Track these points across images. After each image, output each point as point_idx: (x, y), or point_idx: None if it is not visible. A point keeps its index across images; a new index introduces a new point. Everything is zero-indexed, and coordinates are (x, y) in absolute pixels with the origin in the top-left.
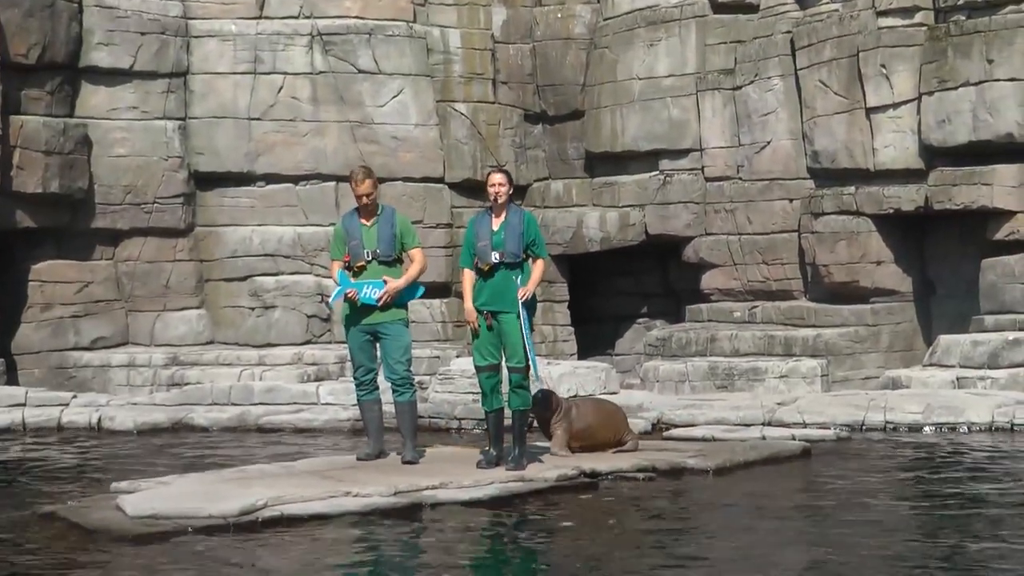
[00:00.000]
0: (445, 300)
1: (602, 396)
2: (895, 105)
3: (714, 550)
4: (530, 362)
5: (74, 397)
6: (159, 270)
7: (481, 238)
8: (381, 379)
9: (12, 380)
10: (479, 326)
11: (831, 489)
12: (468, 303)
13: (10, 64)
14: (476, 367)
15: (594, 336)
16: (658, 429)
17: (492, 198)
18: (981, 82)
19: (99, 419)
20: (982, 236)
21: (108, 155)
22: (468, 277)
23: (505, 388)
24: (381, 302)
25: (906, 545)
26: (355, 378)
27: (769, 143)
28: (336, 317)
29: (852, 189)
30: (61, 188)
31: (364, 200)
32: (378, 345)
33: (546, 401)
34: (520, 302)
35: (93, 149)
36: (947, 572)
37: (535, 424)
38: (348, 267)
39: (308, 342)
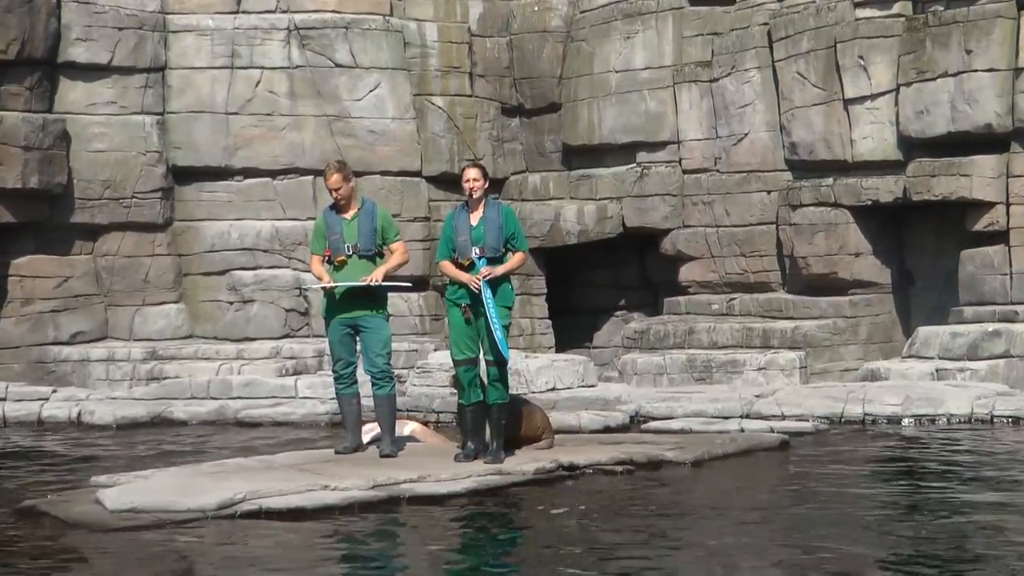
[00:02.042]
0: (423, 294)
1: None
2: (873, 96)
3: (688, 543)
4: (499, 344)
5: (54, 392)
6: (138, 265)
7: (460, 233)
8: (360, 373)
9: None
10: (480, 283)
11: (809, 482)
12: (460, 274)
13: None
14: (454, 360)
15: (572, 329)
16: (636, 422)
17: (468, 193)
18: (959, 73)
19: (79, 413)
20: (961, 227)
21: (87, 150)
22: (449, 263)
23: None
24: (370, 281)
25: (880, 538)
26: (334, 372)
27: (747, 135)
28: (315, 311)
29: (830, 181)
30: (40, 183)
31: (333, 194)
32: (358, 339)
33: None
34: (484, 280)
35: (72, 144)
36: (921, 568)
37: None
38: (328, 261)
39: (286, 336)
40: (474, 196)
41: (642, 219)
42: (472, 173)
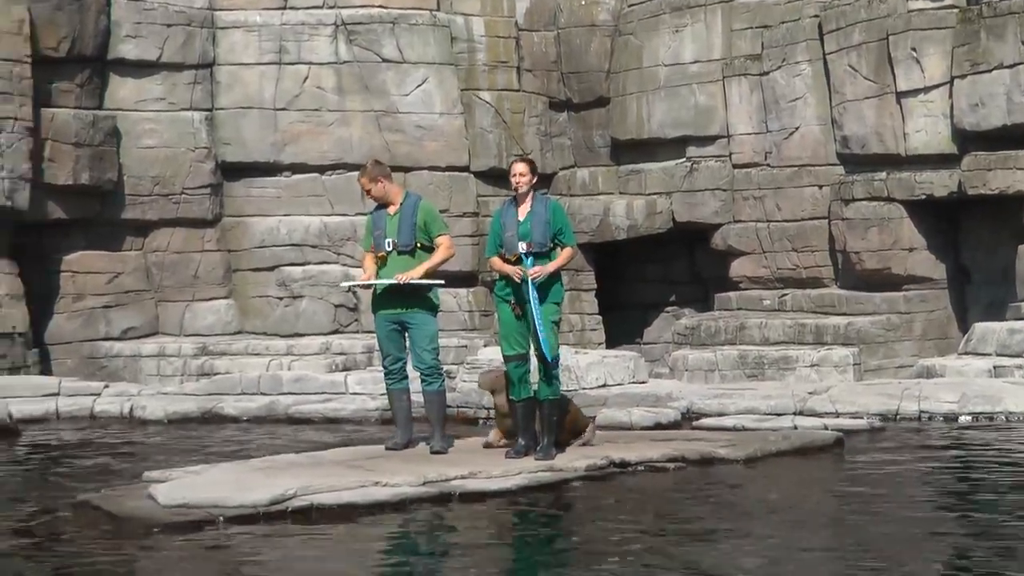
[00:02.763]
0: (472, 289)
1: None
2: (926, 89)
3: (741, 542)
4: (541, 343)
5: (106, 387)
6: (187, 260)
7: (507, 228)
8: (410, 368)
9: (45, 370)
10: (522, 272)
11: (863, 480)
12: (507, 268)
13: (40, 57)
14: (504, 356)
15: (622, 325)
16: (688, 419)
17: (514, 188)
18: (1015, 64)
19: (131, 408)
20: (1017, 221)
21: (137, 146)
22: (497, 259)
23: (535, 378)
24: (399, 281)
25: (935, 541)
26: (383, 367)
27: (797, 129)
28: (363, 307)
29: (883, 175)
30: (91, 180)
31: (365, 195)
32: (406, 335)
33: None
34: (531, 282)
35: (122, 140)
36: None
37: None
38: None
39: (336, 332)
40: (520, 191)
41: (692, 214)
42: (519, 168)
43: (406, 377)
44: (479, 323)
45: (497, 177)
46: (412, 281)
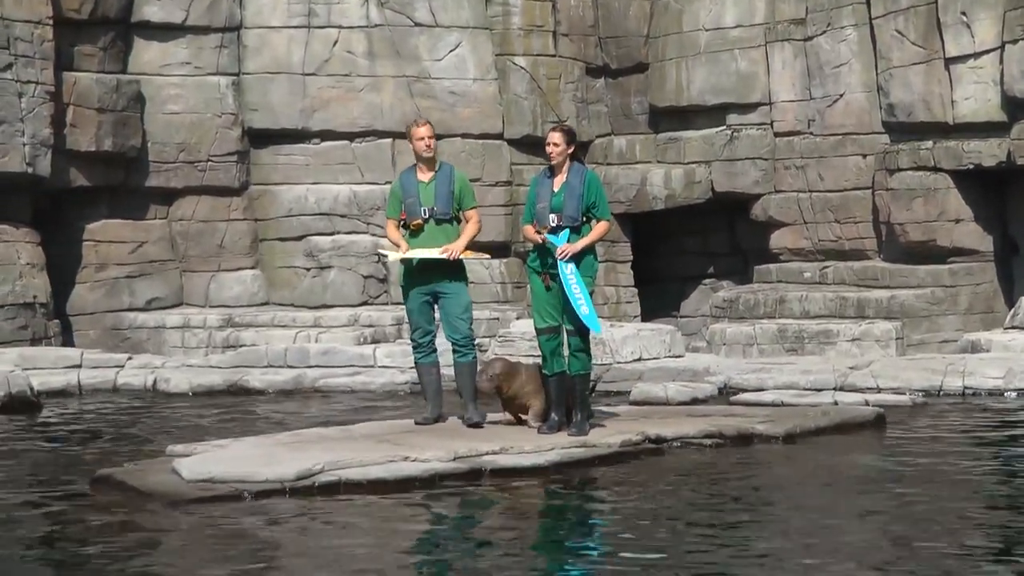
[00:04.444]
0: (504, 261)
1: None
2: (976, 55)
3: (780, 520)
4: (582, 318)
5: (129, 359)
6: (213, 229)
7: (540, 199)
8: (440, 341)
9: (67, 341)
10: (546, 239)
11: (906, 458)
12: (537, 236)
13: (62, 19)
14: (536, 329)
15: (658, 297)
16: (725, 394)
17: (549, 157)
18: None
19: (154, 381)
20: None
21: (161, 112)
22: (530, 227)
23: (567, 351)
24: (449, 255)
25: (978, 523)
26: (412, 340)
27: (842, 96)
28: (393, 278)
29: (930, 144)
30: (114, 146)
31: (425, 145)
32: (437, 306)
33: (513, 371)
34: (561, 259)
35: (146, 106)
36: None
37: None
38: (404, 225)
39: (364, 303)
40: (554, 161)
41: (732, 184)
42: (554, 137)
43: (435, 351)
44: (512, 295)
45: (531, 145)
46: (463, 256)
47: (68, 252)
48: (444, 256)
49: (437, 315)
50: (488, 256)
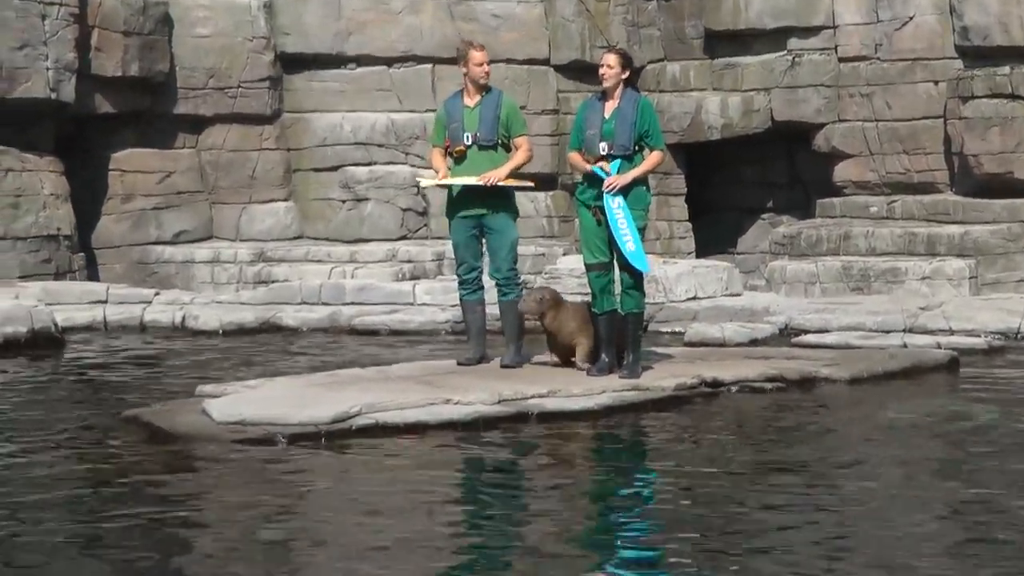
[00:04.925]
0: (551, 193)
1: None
2: None
3: (843, 473)
4: (627, 255)
5: (157, 294)
6: (244, 159)
7: (589, 126)
8: (485, 278)
9: (93, 275)
10: (594, 169)
11: (980, 404)
12: (585, 164)
13: None
14: (586, 265)
15: (714, 233)
16: (786, 335)
17: (601, 81)
18: None
19: (183, 318)
20: None
21: (190, 35)
22: (577, 154)
23: (618, 289)
24: (486, 182)
25: None
26: (457, 276)
27: (911, 19)
28: (434, 210)
29: (1007, 70)
30: (141, 71)
31: (484, 71)
32: (484, 240)
33: (560, 302)
34: (609, 192)
35: (174, 29)
36: None
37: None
38: (448, 153)
39: (403, 237)
40: (606, 85)
41: (793, 112)
42: (608, 59)
43: (482, 287)
44: (558, 230)
45: (579, 71)
46: (500, 183)
47: (93, 182)
48: (481, 183)
49: (485, 249)
50: (531, 184)
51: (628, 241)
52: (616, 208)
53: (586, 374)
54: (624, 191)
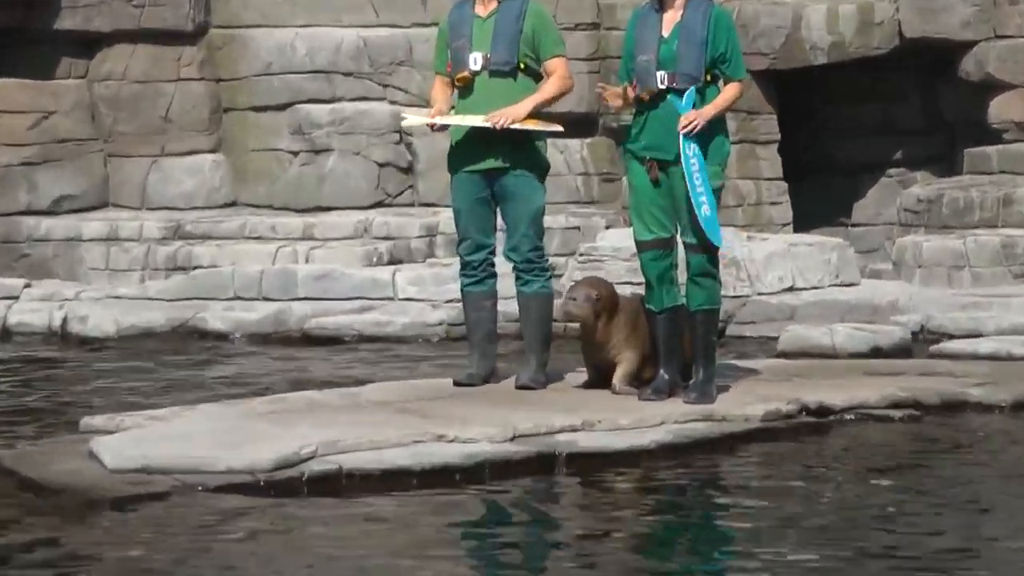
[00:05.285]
0: (588, 140)
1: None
2: None
3: (1004, 544)
4: (702, 222)
5: (27, 287)
6: (155, 94)
7: (643, 48)
8: (500, 261)
9: None
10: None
11: None
12: (613, 94)
13: None
14: (637, 243)
15: (820, 197)
16: (922, 341)
17: None
18: None
19: (64, 319)
20: None
21: None
22: (617, 91)
23: (682, 277)
24: (496, 123)
25: None
26: (460, 256)
27: None
28: (425, 165)
29: None
30: None
31: None
32: (497, 208)
33: (617, 302)
34: (684, 134)
35: None
36: None
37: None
38: (453, 83)
39: (379, 204)
40: None
41: (930, 26)
42: None
43: (493, 275)
44: (598, 192)
45: None
46: (517, 125)
47: None
48: (489, 125)
49: (500, 219)
50: (561, 129)
51: (704, 203)
52: (692, 157)
53: (637, 398)
54: (699, 138)
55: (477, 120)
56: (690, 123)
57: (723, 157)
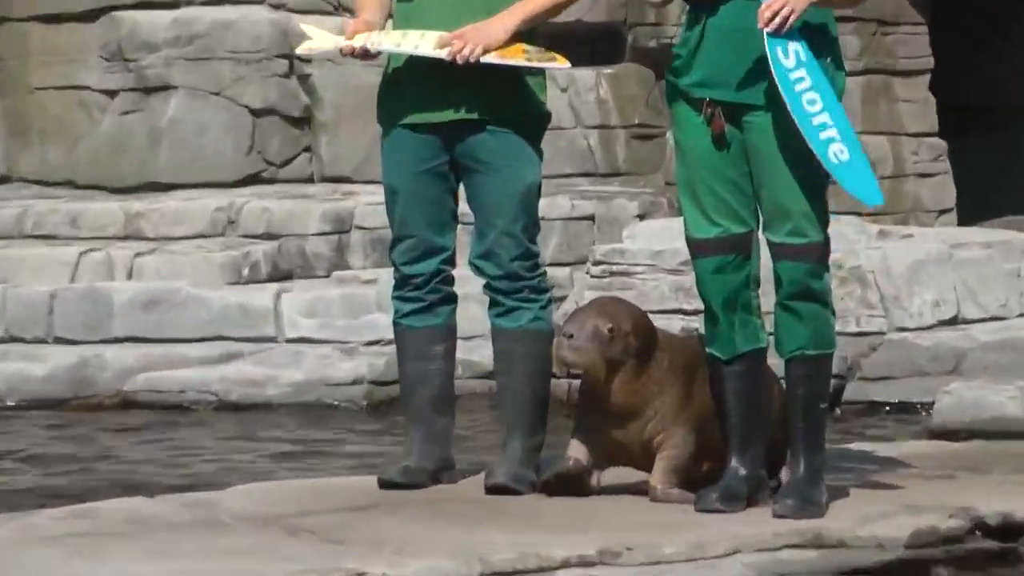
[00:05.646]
0: (608, 71)
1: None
2: None
3: None
4: (832, 170)
5: None
6: None
7: None
8: (462, 276)
9: None
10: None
11: None
12: None
13: None
14: (691, 243)
15: (992, 163)
16: None
17: None
18: None
19: None
20: None
21: None
22: None
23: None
24: (454, 58)
25: None
26: (394, 266)
27: None
28: (332, 114)
29: None
30: None
31: None
32: (463, 185)
33: (631, 332)
34: (769, 32)
35: None
36: None
37: None
38: None
39: (254, 179)
40: None
41: None
42: None
43: (451, 299)
44: (625, 158)
45: None
46: (490, 58)
47: None
48: (445, 56)
49: (469, 203)
50: (563, 64)
51: (833, 137)
52: (792, 63)
53: (694, 508)
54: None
55: (427, 45)
56: (777, 10)
57: (836, 54)
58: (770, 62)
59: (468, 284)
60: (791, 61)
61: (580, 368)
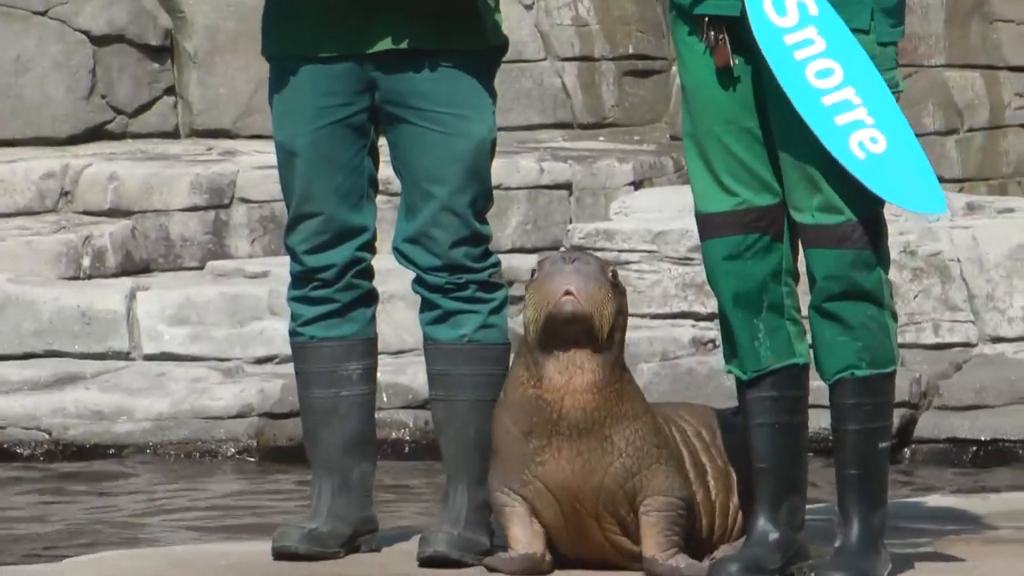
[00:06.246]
0: None
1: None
2: None
3: None
4: (854, 172)
5: None
6: None
7: None
8: (384, 266)
9: None
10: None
11: None
12: None
13: None
14: (699, 218)
15: None
16: None
17: None
18: None
19: None
20: None
21: None
22: None
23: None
24: None
25: None
26: (292, 254)
27: None
28: (196, 44)
29: None
30: None
31: None
32: (387, 141)
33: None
34: None
35: None
36: None
37: None
38: None
39: (98, 134)
40: None
41: None
42: None
43: (370, 300)
44: (612, 103)
45: None
46: None
47: None
48: None
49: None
50: None
51: (850, 106)
52: (779, 14)
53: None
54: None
55: None
56: None
57: (897, 21)
58: (748, 15)
59: (393, 279)
60: (790, 17)
61: (584, 319)
